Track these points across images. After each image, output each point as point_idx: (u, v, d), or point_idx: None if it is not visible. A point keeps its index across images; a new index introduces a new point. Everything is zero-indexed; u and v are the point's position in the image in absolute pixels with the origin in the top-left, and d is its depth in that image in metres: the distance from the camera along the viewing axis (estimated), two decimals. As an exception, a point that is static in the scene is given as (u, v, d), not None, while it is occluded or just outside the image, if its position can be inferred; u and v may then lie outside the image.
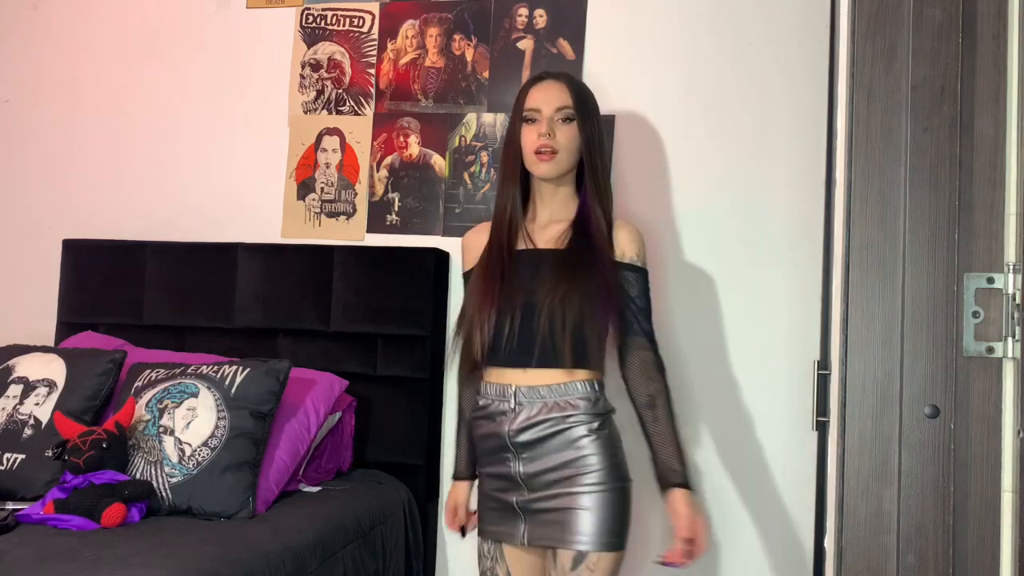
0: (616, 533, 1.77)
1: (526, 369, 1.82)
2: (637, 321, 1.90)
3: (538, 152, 1.86)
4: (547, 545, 1.80)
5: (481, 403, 1.88)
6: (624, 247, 1.91)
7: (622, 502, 1.79)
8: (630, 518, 1.82)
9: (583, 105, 1.90)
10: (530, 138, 1.88)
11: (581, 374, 1.83)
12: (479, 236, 1.99)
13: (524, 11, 2.60)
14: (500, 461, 1.83)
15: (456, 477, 2.03)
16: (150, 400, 2.12)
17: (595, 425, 1.80)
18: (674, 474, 1.81)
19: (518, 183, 1.93)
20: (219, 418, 2.06)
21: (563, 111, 1.88)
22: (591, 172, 1.91)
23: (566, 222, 1.92)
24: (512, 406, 1.81)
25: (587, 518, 1.75)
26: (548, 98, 1.89)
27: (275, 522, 1.97)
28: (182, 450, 2.03)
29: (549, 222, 1.93)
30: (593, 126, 1.91)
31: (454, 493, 2.02)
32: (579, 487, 1.76)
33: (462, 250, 2.03)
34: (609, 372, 1.95)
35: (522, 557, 1.85)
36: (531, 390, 1.81)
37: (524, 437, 1.80)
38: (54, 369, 2.27)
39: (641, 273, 1.91)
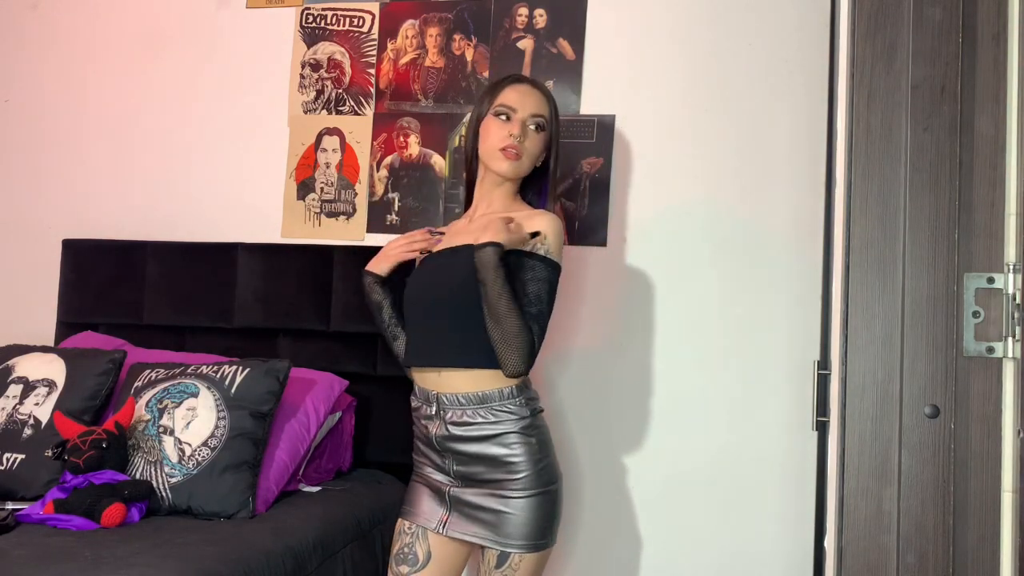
0: (542, 534, 1.78)
1: (440, 372, 1.81)
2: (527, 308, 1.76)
3: (504, 149, 1.85)
4: (470, 541, 1.81)
5: (414, 405, 1.90)
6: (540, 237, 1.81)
7: (551, 504, 1.78)
8: (559, 516, 1.82)
9: (555, 118, 1.93)
10: (499, 133, 1.86)
11: (502, 378, 1.78)
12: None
13: (524, 11, 2.60)
14: (434, 454, 1.85)
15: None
16: (150, 400, 2.11)
17: (523, 427, 1.78)
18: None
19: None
20: (219, 418, 2.06)
21: (537, 118, 1.88)
22: (553, 186, 1.96)
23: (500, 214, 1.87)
24: (435, 411, 1.82)
25: (514, 521, 1.75)
26: (525, 101, 1.88)
27: (275, 522, 1.97)
28: (182, 450, 2.02)
29: (483, 215, 1.90)
30: (557, 139, 1.94)
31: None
32: (508, 491, 1.76)
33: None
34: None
35: (445, 540, 1.85)
36: (451, 396, 1.79)
37: (451, 444, 1.80)
38: (54, 369, 2.27)
39: (547, 264, 1.78)
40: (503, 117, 1.87)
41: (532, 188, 2.00)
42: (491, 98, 1.90)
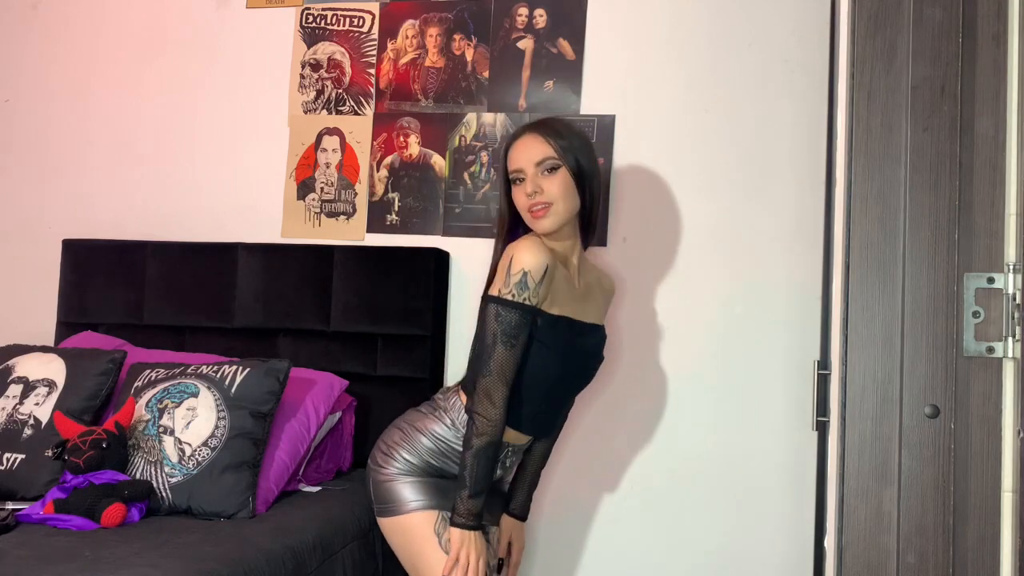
0: None
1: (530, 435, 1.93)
2: None
3: (531, 211, 1.79)
4: (489, 524, 1.93)
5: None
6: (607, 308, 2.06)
7: None
8: None
9: (565, 148, 1.80)
10: (520, 199, 1.81)
11: None
12: (552, 263, 1.75)
13: (524, 11, 2.60)
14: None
15: (482, 526, 1.79)
16: (150, 400, 2.11)
17: None
18: (527, 510, 2.07)
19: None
20: (219, 418, 2.06)
21: (545, 163, 1.79)
22: (594, 214, 1.87)
23: (590, 277, 1.95)
24: (501, 457, 1.88)
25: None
26: (528, 155, 1.80)
27: (275, 522, 1.97)
28: (182, 450, 2.02)
29: (587, 289, 1.90)
30: (583, 164, 1.82)
31: (484, 543, 1.78)
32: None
33: (547, 275, 1.72)
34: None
35: None
36: (519, 447, 1.93)
37: (500, 484, 1.99)
38: (54, 369, 2.27)
39: None
40: (517, 182, 1.83)
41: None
42: (504, 167, 1.86)
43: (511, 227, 1.88)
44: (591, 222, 1.88)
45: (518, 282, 1.69)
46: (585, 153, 1.83)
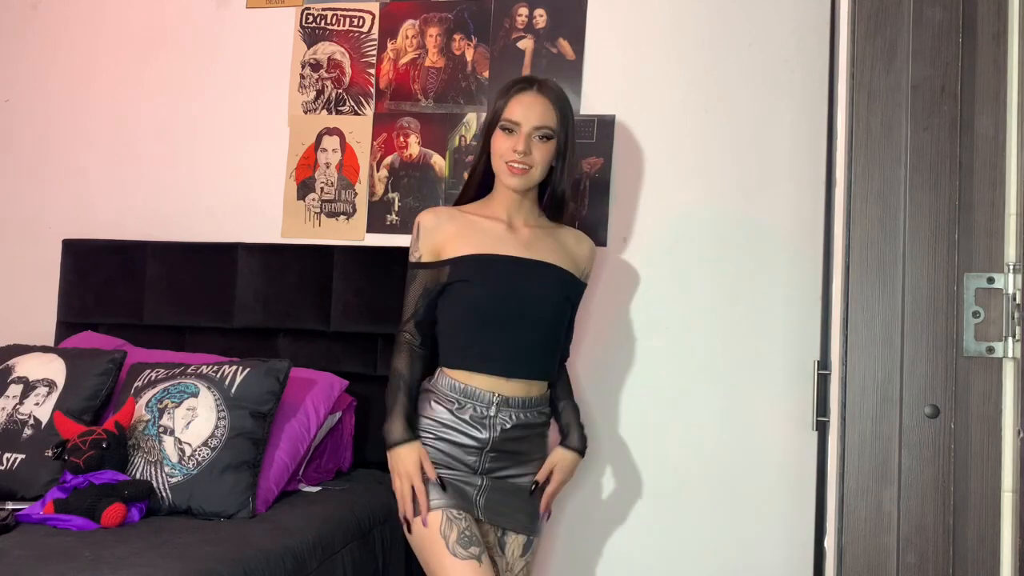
0: None
1: (509, 379, 1.86)
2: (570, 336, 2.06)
3: (510, 165, 1.86)
4: (503, 527, 1.90)
5: (450, 407, 1.86)
6: (586, 264, 2.04)
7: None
8: None
9: (562, 121, 1.89)
10: (504, 147, 1.86)
11: (546, 385, 1.98)
12: (439, 220, 1.92)
13: (524, 11, 2.60)
14: (465, 453, 1.86)
15: (402, 440, 1.83)
16: (150, 400, 2.11)
17: (547, 428, 1.99)
18: (583, 443, 1.99)
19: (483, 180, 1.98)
20: (219, 418, 2.06)
21: (543, 130, 1.85)
22: (559, 185, 1.95)
23: (544, 229, 1.97)
24: (493, 414, 1.85)
25: (531, 511, 1.93)
26: (529, 114, 1.85)
27: (275, 522, 1.97)
28: (182, 450, 2.02)
29: (524, 226, 1.95)
30: (569, 139, 1.92)
31: (410, 457, 1.82)
32: (524, 482, 1.92)
33: (420, 232, 1.92)
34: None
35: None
36: (514, 400, 1.87)
37: (502, 444, 1.87)
38: (54, 369, 2.27)
39: (583, 288, 2.05)
40: (508, 131, 1.87)
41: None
42: (499, 108, 1.89)
43: (480, 183, 1.97)
44: (557, 193, 1.96)
45: (410, 246, 1.95)
46: (573, 129, 1.94)
